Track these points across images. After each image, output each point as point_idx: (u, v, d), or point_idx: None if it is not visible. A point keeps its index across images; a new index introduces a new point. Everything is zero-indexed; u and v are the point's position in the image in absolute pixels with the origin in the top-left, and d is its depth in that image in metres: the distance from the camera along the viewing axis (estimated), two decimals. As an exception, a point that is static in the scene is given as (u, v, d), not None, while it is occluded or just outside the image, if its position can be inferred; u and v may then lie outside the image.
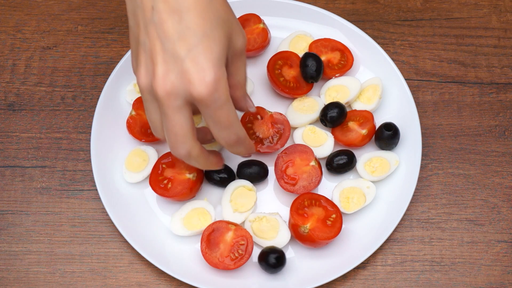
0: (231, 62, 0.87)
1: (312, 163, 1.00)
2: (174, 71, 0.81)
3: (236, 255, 0.96)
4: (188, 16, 0.80)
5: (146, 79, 0.83)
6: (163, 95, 0.81)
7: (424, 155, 1.05)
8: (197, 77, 0.80)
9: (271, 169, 1.03)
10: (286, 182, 1.01)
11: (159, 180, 1.00)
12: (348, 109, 1.06)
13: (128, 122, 1.04)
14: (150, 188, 1.01)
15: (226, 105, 0.83)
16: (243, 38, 0.87)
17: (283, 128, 1.04)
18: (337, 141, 1.04)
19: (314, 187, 1.00)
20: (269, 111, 1.04)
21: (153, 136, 1.04)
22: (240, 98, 0.92)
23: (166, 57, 0.81)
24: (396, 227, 1.01)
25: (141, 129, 1.04)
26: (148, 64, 0.83)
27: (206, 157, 0.90)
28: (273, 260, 0.95)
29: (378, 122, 1.05)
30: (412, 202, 1.02)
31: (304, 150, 1.01)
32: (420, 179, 1.03)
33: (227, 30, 0.83)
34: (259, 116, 1.04)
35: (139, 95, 1.06)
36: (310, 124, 1.06)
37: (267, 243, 0.98)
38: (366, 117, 1.04)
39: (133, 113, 1.04)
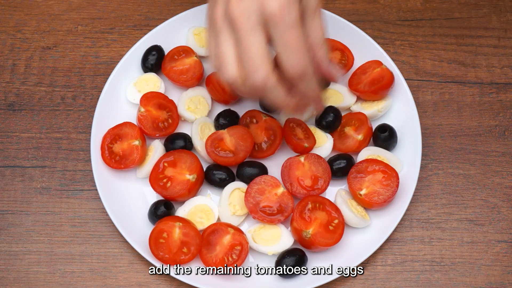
0: (308, 20, 0.88)
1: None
2: None
3: (230, 259, 0.96)
4: None
5: (221, 8, 0.86)
6: (237, 16, 0.84)
7: (424, 155, 1.05)
8: None
9: (270, 169, 1.03)
10: (297, 189, 1.00)
11: (159, 178, 1.00)
12: (348, 111, 1.06)
13: (139, 120, 1.03)
14: (150, 188, 1.01)
15: (296, 26, 0.83)
16: None
17: (273, 136, 1.03)
18: (335, 149, 1.04)
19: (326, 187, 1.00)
20: (264, 116, 1.04)
21: (165, 130, 1.03)
22: (322, 58, 0.90)
23: None
24: (396, 227, 1.01)
25: (153, 124, 1.03)
26: None
27: (284, 91, 0.88)
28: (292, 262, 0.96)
29: (379, 123, 1.05)
30: (412, 202, 1.02)
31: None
32: (420, 179, 1.03)
33: None
34: (254, 120, 1.04)
35: (140, 94, 1.06)
36: (306, 122, 1.06)
37: (268, 249, 0.98)
38: (360, 119, 1.04)
39: (142, 109, 1.03)
